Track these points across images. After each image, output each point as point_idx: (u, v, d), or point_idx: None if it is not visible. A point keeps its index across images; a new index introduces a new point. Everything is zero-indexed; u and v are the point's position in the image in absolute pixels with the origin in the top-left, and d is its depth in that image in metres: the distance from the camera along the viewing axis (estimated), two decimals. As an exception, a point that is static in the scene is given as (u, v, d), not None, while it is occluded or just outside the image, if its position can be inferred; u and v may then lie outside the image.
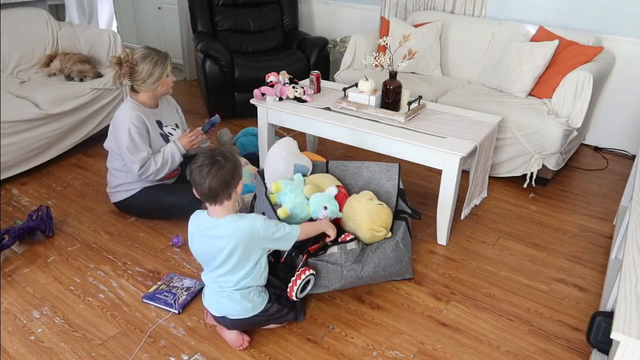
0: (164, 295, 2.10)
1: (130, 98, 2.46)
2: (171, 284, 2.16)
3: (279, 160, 2.31)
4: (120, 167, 2.52)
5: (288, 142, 2.38)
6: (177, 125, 2.64)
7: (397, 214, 2.31)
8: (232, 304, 1.80)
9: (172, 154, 2.47)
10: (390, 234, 2.18)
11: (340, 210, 2.21)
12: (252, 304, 1.82)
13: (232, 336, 1.88)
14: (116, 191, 2.58)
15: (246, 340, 1.88)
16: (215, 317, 1.87)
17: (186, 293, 2.11)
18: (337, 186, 2.27)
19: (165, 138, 2.54)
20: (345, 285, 2.02)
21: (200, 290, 2.14)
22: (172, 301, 2.06)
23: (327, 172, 2.50)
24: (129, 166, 2.43)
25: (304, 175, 2.34)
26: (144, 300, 2.10)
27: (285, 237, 1.83)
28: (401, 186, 2.39)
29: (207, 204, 1.76)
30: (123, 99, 3.53)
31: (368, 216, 2.11)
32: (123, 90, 3.52)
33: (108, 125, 3.45)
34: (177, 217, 2.62)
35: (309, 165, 2.43)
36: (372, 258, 2.05)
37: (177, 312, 2.03)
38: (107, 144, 2.57)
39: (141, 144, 2.40)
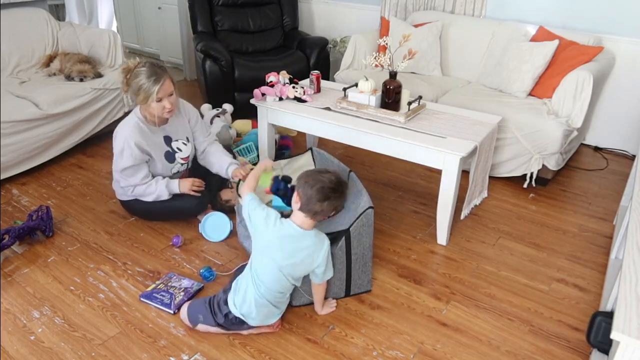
0: (161, 295, 2.10)
1: (136, 111, 2.39)
2: (169, 284, 2.16)
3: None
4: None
5: None
6: (187, 139, 2.55)
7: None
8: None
9: (159, 195, 2.44)
10: None
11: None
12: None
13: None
14: (123, 192, 2.55)
15: None
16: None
17: (183, 293, 2.11)
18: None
19: (172, 156, 2.49)
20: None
21: (198, 291, 2.14)
22: (169, 301, 2.06)
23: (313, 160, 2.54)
24: (115, 178, 2.45)
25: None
26: (141, 298, 2.10)
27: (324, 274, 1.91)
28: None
29: (302, 215, 1.77)
30: (123, 101, 3.54)
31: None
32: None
33: (108, 126, 3.50)
34: (183, 219, 2.62)
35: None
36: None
37: (172, 312, 2.03)
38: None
39: (132, 172, 2.37)
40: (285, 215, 1.87)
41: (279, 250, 1.80)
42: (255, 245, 1.87)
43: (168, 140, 2.48)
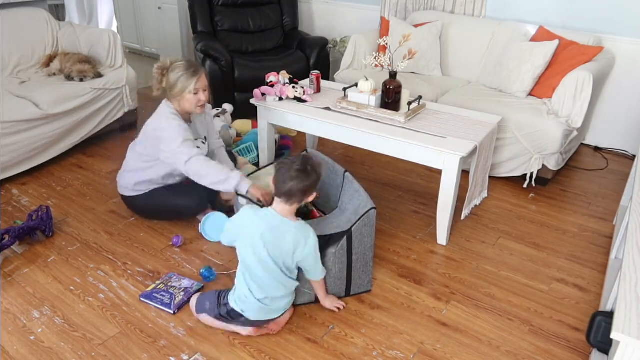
0: (161, 295, 2.10)
1: (168, 106, 2.39)
2: (169, 284, 2.16)
3: None
4: (140, 167, 2.47)
5: None
6: (205, 139, 2.57)
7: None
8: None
9: (229, 181, 2.26)
10: None
11: None
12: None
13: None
14: (126, 186, 2.55)
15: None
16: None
17: (183, 293, 2.11)
18: None
19: None
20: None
21: (198, 290, 2.14)
22: (169, 301, 2.06)
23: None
24: (174, 157, 2.31)
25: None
26: (141, 298, 2.10)
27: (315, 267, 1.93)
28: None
29: (278, 200, 1.84)
30: (123, 101, 3.54)
31: None
32: (123, 90, 3.52)
33: (108, 126, 3.50)
34: (183, 218, 2.62)
35: None
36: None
37: (172, 312, 2.03)
38: (129, 160, 2.52)
39: (189, 143, 2.33)
40: None
41: (262, 242, 1.82)
42: (240, 246, 1.88)
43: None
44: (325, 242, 2.00)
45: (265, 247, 1.81)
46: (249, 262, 1.85)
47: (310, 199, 1.87)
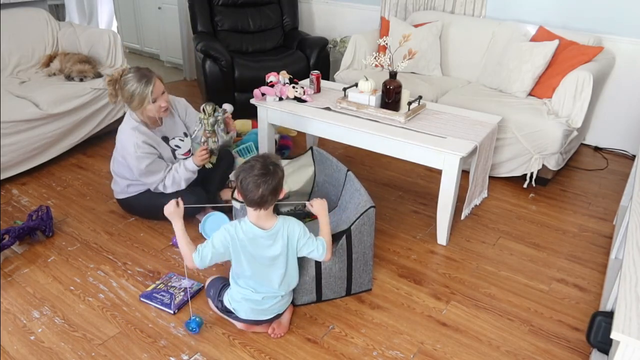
0: (161, 295, 2.10)
1: (131, 114, 2.39)
2: (169, 284, 2.16)
3: None
4: (127, 175, 2.49)
5: None
6: (184, 134, 2.56)
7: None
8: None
9: (187, 176, 2.43)
10: None
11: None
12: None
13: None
14: (120, 191, 2.57)
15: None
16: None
17: (183, 293, 2.11)
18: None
19: (174, 152, 2.51)
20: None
21: (198, 290, 2.14)
22: (169, 301, 2.06)
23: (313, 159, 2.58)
24: (145, 184, 2.44)
25: None
26: (141, 298, 2.10)
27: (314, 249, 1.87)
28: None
29: (251, 210, 1.76)
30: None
31: None
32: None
33: (108, 126, 3.50)
34: (183, 218, 2.61)
35: None
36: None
37: (172, 312, 2.03)
38: (114, 168, 2.54)
39: (154, 167, 2.37)
40: None
41: (248, 259, 1.80)
42: (236, 258, 1.83)
43: (166, 140, 2.49)
44: None
45: (253, 255, 1.81)
46: (244, 266, 1.83)
47: (281, 196, 1.78)
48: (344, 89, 2.81)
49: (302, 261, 1.98)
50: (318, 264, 2.01)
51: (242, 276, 1.87)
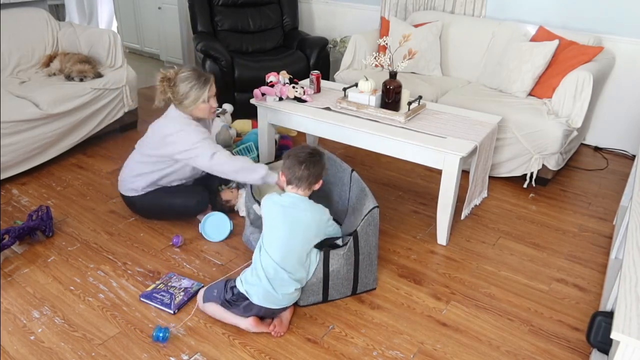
0: (161, 295, 2.10)
1: (178, 110, 2.39)
2: (169, 284, 2.16)
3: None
4: (148, 170, 2.46)
5: None
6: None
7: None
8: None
9: (258, 170, 2.33)
10: None
11: None
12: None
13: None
14: (135, 190, 2.54)
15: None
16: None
17: (183, 293, 2.11)
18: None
19: None
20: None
21: (198, 290, 2.14)
22: (169, 301, 2.06)
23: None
24: (197, 155, 2.33)
25: None
26: (141, 298, 2.10)
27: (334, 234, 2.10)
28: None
29: (290, 187, 1.99)
30: (123, 101, 3.54)
31: None
32: (123, 90, 3.51)
33: (108, 126, 3.50)
34: (183, 218, 2.62)
35: None
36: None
37: (172, 312, 2.03)
38: (134, 167, 2.49)
39: (209, 140, 2.37)
40: None
41: (284, 222, 1.94)
42: (265, 224, 1.99)
43: None
44: (333, 245, 2.05)
45: (287, 219, 1.94)
46: (274, 230, 1.94)
47: (317, 187, 2.01)
48: (344, 89, 2.81)
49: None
50: (326, 266, 2.02)
51: (271, 245, 1.92)
